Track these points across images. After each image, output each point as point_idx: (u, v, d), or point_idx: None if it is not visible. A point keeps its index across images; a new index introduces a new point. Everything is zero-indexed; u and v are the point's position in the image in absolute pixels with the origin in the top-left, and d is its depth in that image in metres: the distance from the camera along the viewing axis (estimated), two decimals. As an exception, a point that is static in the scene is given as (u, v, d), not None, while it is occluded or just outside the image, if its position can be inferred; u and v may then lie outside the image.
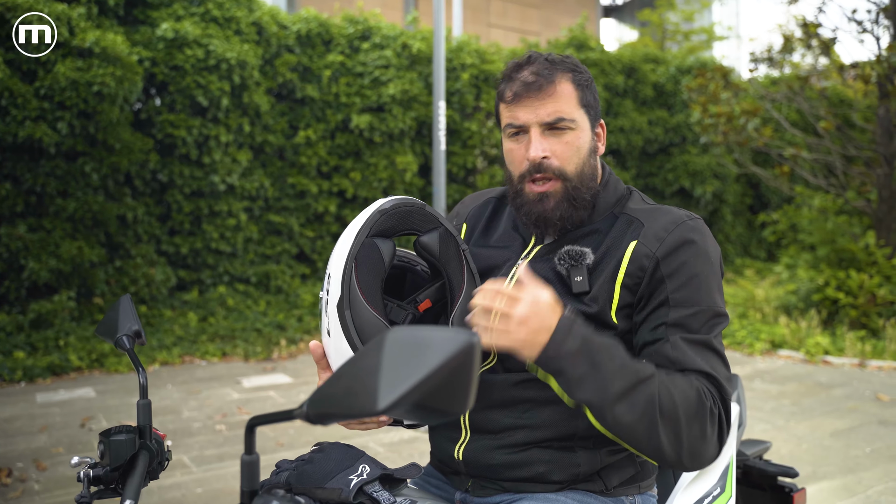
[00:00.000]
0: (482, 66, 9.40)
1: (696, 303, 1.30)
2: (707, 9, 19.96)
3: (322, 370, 1.38)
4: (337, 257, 1.31)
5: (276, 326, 7.37)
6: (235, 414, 5.08)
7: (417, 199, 1.37)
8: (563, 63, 1.40)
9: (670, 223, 1.36)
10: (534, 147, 1.37)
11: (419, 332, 0.74)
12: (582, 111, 1.40)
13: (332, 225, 8.46)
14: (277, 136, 8.00)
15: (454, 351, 0.71)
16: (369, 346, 0.76)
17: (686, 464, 1.22)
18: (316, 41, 8.29)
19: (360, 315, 1.26)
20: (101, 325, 1.48)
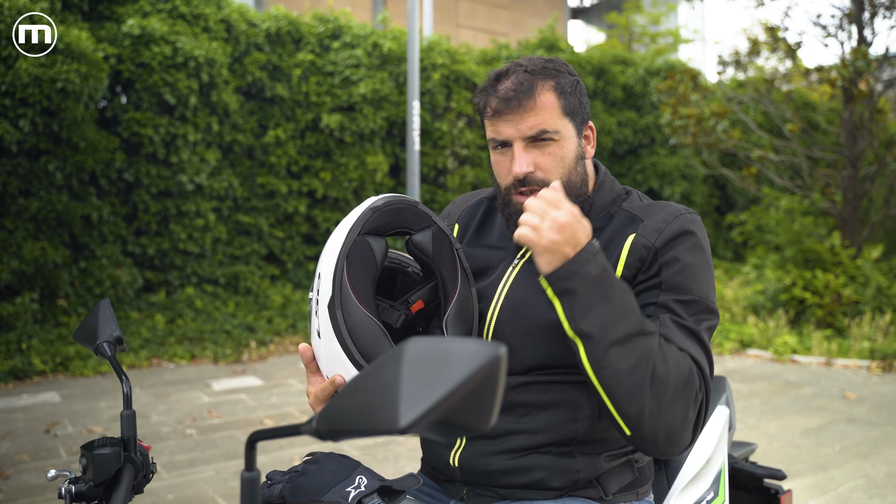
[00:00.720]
0: (453, 67, 9.38)
1: (688, 291, 1.29)
2: (673, 12, 20.17)
3: (312, 374, 1.34)
4: (328, 256, 1.26)
5: (246, 328, 7.27)
6: (205, 418, 4.98)
7: (410, 197, 1.33)
8: (545, 71, 1.36)
9: (669, 215, 1.35)
10: (517, 163, 1.34)
11: (441, 343, 0.71)
12: (566, 120, 1.36)
13: (302, 225, 8.38)
14: (246, 135, 7.89)
15: (480, 364, 0.68)
16: (387, 358, 0.72)
17: (660, 443, 1.19)
18: (286, 39, 8.19)
19: (352, 315, 1.22)
20: (80, 332, 1.42)
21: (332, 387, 1.25)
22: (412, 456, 4.36)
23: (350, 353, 1.21)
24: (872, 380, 6.20)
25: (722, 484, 1.65)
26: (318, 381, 1.32)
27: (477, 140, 9.76)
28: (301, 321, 7.62)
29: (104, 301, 1.44)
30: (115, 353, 1.35)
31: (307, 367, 1.34)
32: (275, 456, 4.29)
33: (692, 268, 1.30)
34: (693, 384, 1.20)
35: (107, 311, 1.41)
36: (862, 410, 5.33)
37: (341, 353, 1.22)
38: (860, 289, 7.28)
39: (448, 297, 1.32)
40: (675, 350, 1.22)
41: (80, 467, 1.22)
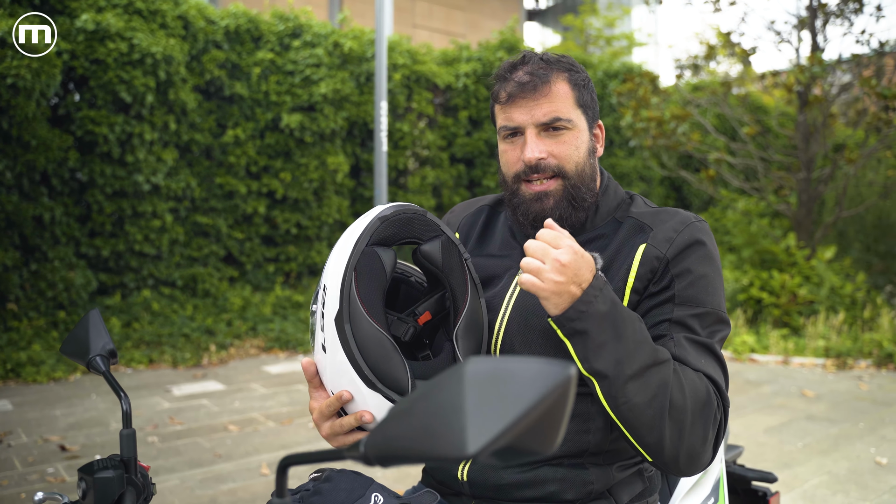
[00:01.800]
0: (413, 67, 9.33)
1: (702, 303, 1.27)
2: (627, 15, 20.43)
3: (315, 389, 1.29)
4: (334, 267, 1.21)
5: (205, 331, 7.12)
6: (167, 424, 4.86)
7: (418, 206, 1.30)
8: (559, 62, 1.36)
9: (679, 224, 1.33)
10: (529, 148, 1.33)
11: (504, 363, 0.67)
12: (579, 111, 1.36)
13: (262, 226, 8.24)
14: (205, 134, 7.73)
15: (552, 386, 0.64)
16: (444, 380, 0.68)
17: (682, 465, 1.18)
18: (245, 37, 8.05)
19: (362, 329, 1.17)
20: (69, 345, 1.34)
21: (338, 403, 1.21)
22: (407, 468, 4.30)
23: (359, 368, 1.16)
24: (828, 377, 6.35)
25: (721, 489, 1.65)
26: (322, 397, 1.28)
27: (438, 141, 9.73)
28: (261, 323, 7.50)
29: (93, 312, 1.36)
30: (109, 368, 1.28)
31: (310, 383, 1.29)
32: (240, 462, 4.20)
33: (705, 279, 1.29)
34: (711, 406, 1.19)
35: (97, 323, 1.34)
36: (821, 408, 5.45)
37: (349, 368, 1.17)
38: (815, 289, 7.46)
39: (458, 309, 1.28)
40: (690, 374, 1.20)
41: (79, 492, 1.15)
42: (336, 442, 1.26)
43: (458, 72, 9.97)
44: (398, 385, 1.17)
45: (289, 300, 8.13)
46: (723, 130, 11.26)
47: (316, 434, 4.73)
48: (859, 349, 6.87)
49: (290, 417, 5.07)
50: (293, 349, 7.15)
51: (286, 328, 7.42)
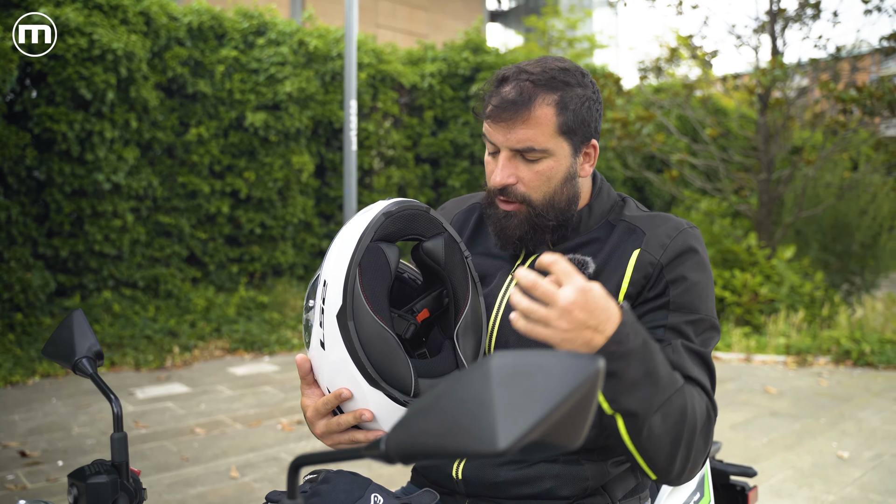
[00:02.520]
0: (379, 66, 9.30)
1: (695, 310, 1.27)
2: (589, 17, 20.62)
3: (308, 386, 1.27)
4: (336, 262, 1.19)
5: (168, 333, 7.00)
6: (132, 428, 4.75)
7: (421, 203, 1.28)
8: (552, 82, 1.29)
9: (672, 230, 1.33)
10: (498, 172, 1.32)
11: (531, 358, 0.66)
12: (561, 139, 1.30)
13: (225, 226, 8.13)
14: (167, 133, 7.60)
15: (581, 380, 0.63)
16: (469, 376, 0.67)
17: (684, 478, 1.19)
18: (208, 35, 7.93)
19: (365, 326, 1.15)
20: (52, 347, 1.29)
21: (335, 401, 1.19)
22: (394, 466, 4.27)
23: (362, 366, 1.14)
24: (789, 374, 6.48)
25: (706, 484, 1.67)
26: (316, 394, 1.25)
27: (403, 141, 9.71)
28: (225, 324, 7.39)
29: (77, 312, 1.32)
30: (96, 370, 1.24)
31: (303, 380, 1.27)
32: (210, 467, 4.13)
33: (698, 286, 1.29)
34: (711, 421, 1.19)
35: (82, 323, 1.29)
36: (783, 404, 5.56)
37: (351, 366, 1.15)
38: (775, 287, 7.61)
39: (459, 308, 1.27)
40: (692, 390, 1.19)
41: (70, 498, 1.11)
42: (330, 440, 1.24)
43: (423, 72, 9.96)
44: (402, 383, 1.15)
45: (253, 301, 8.03)
46: (684, 132, 11.43)
47: (284, 436, 4.68)
48: (818, 346, 7.02)
49: (257, 419, 5.01)
50: (258, 350, 7.06)
51: (251, 329, 7.33)
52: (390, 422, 1.18)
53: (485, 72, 10.12)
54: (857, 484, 4.02)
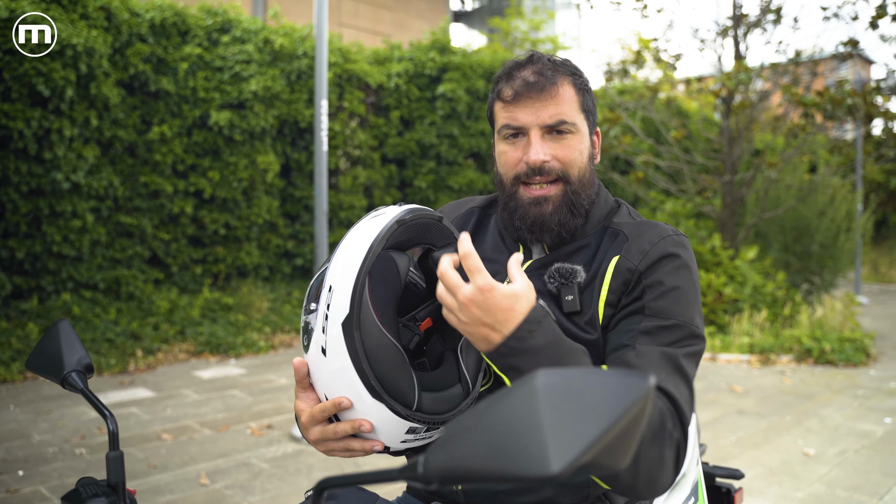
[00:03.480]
0: (345, 66, 9.23)
1: (671, 315, 1.22)
2: (552, 19, 20.74)
3: (303, 389, 1.22)
4: (343, 268, 1.14)
5: (131, 336, 6.84)
6: (96, 435, 4.63)
7: (433, 210, 1.24)
8: (564, 66, 1.35)
9: (655, 236, 1.30)
10: (534, 150, 1.29)
11: (578, 376, 0.64)
12: (582, 116, 1.34)
13: (188, 227, 7.98)
14: (128, 131, 7.43)
15: (633, 399, 0.61)
16: (513, 395, 0.64)
17: (641, 491, 1.11)
18: (171, 31, 7.78)
19: (373, 337, 1.11)
20: (37, 360, 1.22)
21: (334, 409, 1.15)
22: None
23: (366, 378, 1.11)
24: (754, 373, 6.58)
25: (700, 488, 1.67)
26: (311, 398, 1.21)
27: (369, 141, 9.65)
28: (190, 327, 7.26)
29: (63, 322, 1.25)
30: (87, 384, 1.18)
31: (299, 383, 1.22)
32: (178, 474, 4.04)
33: (676, 291, 1.24)
34: (665, 427, 1.10)
35: (69, 334, 1.22)
36: (749, 402, 5.64)
37: (354, 376, 1.11)
38: (739, 288, 7.72)
39: None
40: None
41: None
42: (324, 447, 1.21)
43: (389, 71, 9.91)
44: (404, 397, 1.13)
45: (218, 302, 7.90)
46: (647, 133, 11.55)
47: (254, 441, 4.60)
48: (781, 345, 7.15)
49: (226, 424, 4.92)
50: (224, 353, 6.95)
51: (216, 331, 7.21)
52: (389, 434, 1.16)
53: (451, 72, 10.11)
54: (824, 480, 4.09)
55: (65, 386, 1.18)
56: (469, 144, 10.42)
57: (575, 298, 1.27)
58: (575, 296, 1.27)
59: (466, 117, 10.42)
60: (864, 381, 6.39)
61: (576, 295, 1.27)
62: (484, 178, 10.76)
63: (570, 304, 1.27)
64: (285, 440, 4.63)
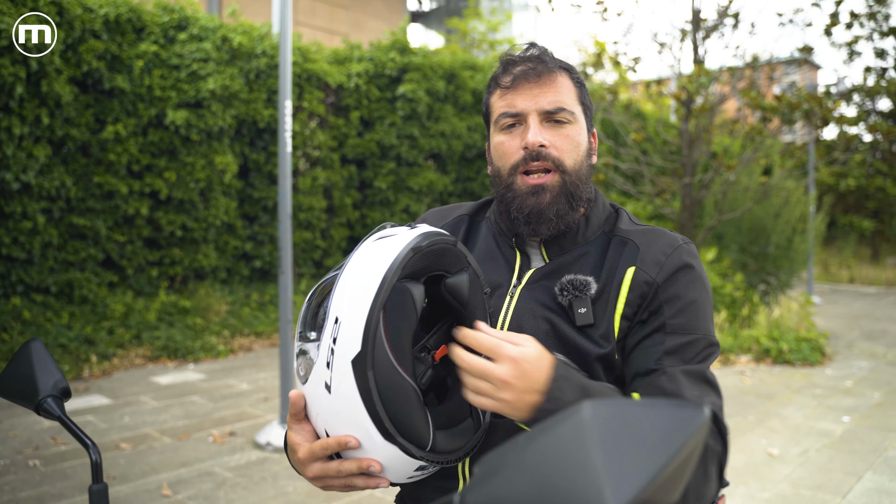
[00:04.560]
0: (305, 65, 9.11)
1: (692, 330, 1.22)
2: (510, 21, 20.83)
3: (297, 421, 1.16)
4: (354, 301, 1.06)
5: (84, 341, 6.64)
6: (50, 445, 4.47)
7: (448, 234, 1.16)
8: (559, 62, 1.33)
9: (668, 246, 1.28)
10: (532, 132, 1.26)
11: (630, 409, 0.60)
12: (580, 108, 1.32)
13: (144, 228, 7.78)
14: (81, 130, 7.20)
15: (690, 433, 0.57)
16: (559, 428, 0.60)
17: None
18: (126, 28, 7.57)
19: (388, 377, 1.04)
20: (6, 384, 1.11)
21: (338, 447, 1.08)
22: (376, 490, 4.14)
23: (379, 420, 1.04)
24: (714, 373, 6.66)
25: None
26: (307, 431, 1.14)
27: (329, 141, 9.54)
28: (146, 331, 7.07)
29: (35, 342, 1.14)
30: (64, 410, 1.10)
31: (294, 416, 1.15)
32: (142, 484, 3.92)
33: (694, 305, 1.24)
34: (708, 443, 1.11)
35: (42, 355, 1.13)
36: (711, 404, 5.70)
37: (364, 417, 1.04)
38: (698, 289, 7.81)
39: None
40: None
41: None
42: (322, 483, 1.14)
43: (349, 71, 9.81)
44: (419, 439, 1.07)
45: (175, 306, 7.72)
46: (606, 135, 11.65)
47: (216, 449, 4.49)
48: (740, 345, 7.26)
49: (186, 432, 4.79)
50: (182, 358, 6.79)
51: (174, 335, 7.04)
52: (398, 472, 1.10)
53: (412, 72, 10.05)
54: (789, 480, 4.15)
55: (40, 412, 1.10)
56: (429, 145, 10.38)
57: (588, 311, 1.23)
58: (588, 308, 1.23)
59: (427, 118, 10.37)
60: (821, 380, 6.52)
61: (589, 307, 1.23)
62: (444, 179, 10.73)
63: (583, 317, 1.23)
64: (249, 448, 4.53)
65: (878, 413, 5.48)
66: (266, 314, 8.37)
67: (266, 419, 5.07)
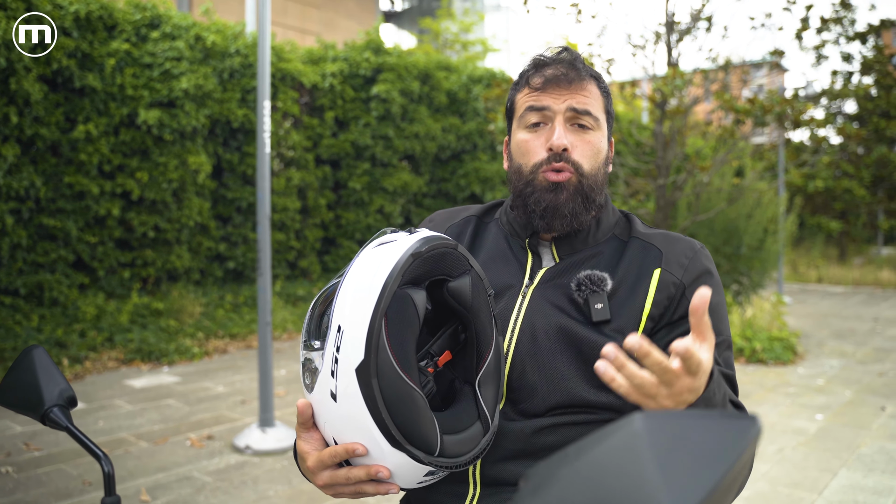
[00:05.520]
0: (279, 65, 9.04)
1: (719, 332, 1.25)
2: (482, 21, 20.87)
3: (306, 430, 1.15)
4: (355, 309, 1.05)
5: (55, 344, 6.52)
6: (23, 451, 4.38)
7: (448, 237, 1.16)
8: (588, 69, 1.35)
9: (688, 249, 1.31)
10: (557, 134, 1.28)
11: (683, 420, 0.59)
12: (605, 116, 1.34)
13: (116, 229, 7.65)
14: (51, 129, 7.07)
15: (746, 443, 0.57)
16: (611, 439, 0.59)
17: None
18: (97, 25, 7.44)
19: (392, 385, 1.03)
20: (9, 394, 1.07)
21: (346, 455, 1.08)
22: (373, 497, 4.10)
23: (386, 428, 1.03)
24: (689, 373, 6.73)
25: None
26: (316, 440, 1.14)
27: (303, 142, 9.48)
28: (119, 333, 6.96)
29: (37, 349, 1.10)
30: (72, 420, 1.06)
31: (302, 425, 1.15)
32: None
33: (719, 308, 1.27)
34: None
35: (45, 363, 1.09)
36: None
37: (371, 425, 1.04)
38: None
39: (483, 355, 1.16)
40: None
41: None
42: (332, 491, 1.14)
43: (324, 71, 9.76)
44: (427, 444, 1.06)
45: (147, 307, 7.61)
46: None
47: (195, 453, 4.43)
48: (713, 345, 7.33)
49: (163, 436, 4.72)
50: (156, 361, 6.69)
51: (147, 338, 6.94)
52: (407, 477, 1.09)
53: (386, 73, 10.03)
54: (767, 478, 4.20)
55: (46, 423, 1.06)
56: (404, 146, 10.36)
57: (605, 307, 1.24)
58: (605, 304, 1.24)
59: (401, 119, 10.35)
60: (794, 378, 6.62)
61: (605, 303, 1.25)
62: (418, 180, 10.71)
63: (600, 312, 1.24)
64: (227, 451, 4.48)
65: (850, 411, 5.58)
66: (240, 316, 8.28)
67: (244, 422, 5.02)
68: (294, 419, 4.99)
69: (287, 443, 4.51)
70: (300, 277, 9.96)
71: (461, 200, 11.13)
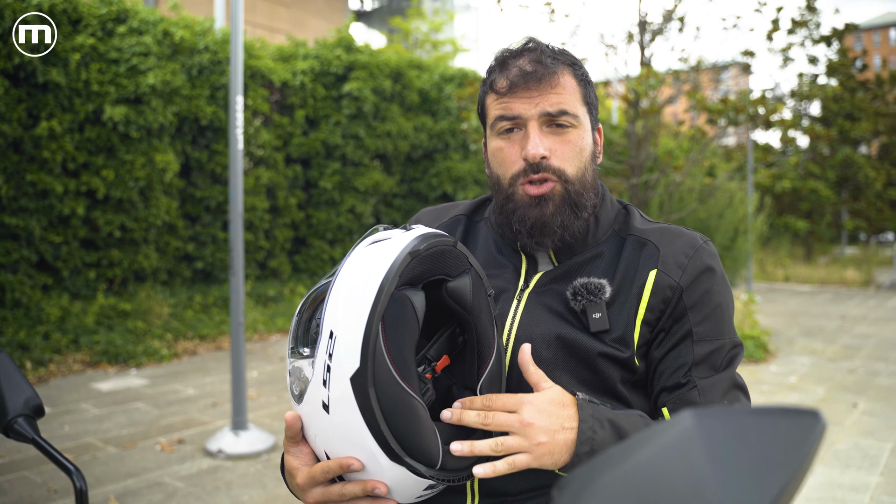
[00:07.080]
0: (249, 62, 8.90)
1: (719, 335, 1.17)
2: (452, 21, 20.84)
3: (294, 444, 1.07)
4: (348, 313, 0.97)
5: (18, 346, 6.33)
6: (-15, 458, 4.23)
7: (446, 234, 1.09)
8: (563, 55, 1.22)
9: (688, 247, 1.22)
10: (532, 143, 1.16)
11: (741, 419, 0.53)
12: (584, 109, 1.22)
13: (80, 229, 7.46)
14: (13, 126, 6.86)
15: (811, 442, 0.52)
16: (661, 438, 0.54)
17: None
18: (62, 19, 7.25)
19: (391, 394, 0.96)
20: None
21: (339, 470, 1.00)
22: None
23: (384, 441, 0.96)
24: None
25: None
26: (305, 454, 1.06)
27: (273, 140, 9.35)
28: (84, 335, 6.78)
29: (1, 354, 1.03)
30: (38, 431, 0.98)
31: (291, 438, 1.06)
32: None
33: (719, 309, 1.19)
34: None
35: (10, 370, 1.00)
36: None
37: (368, 437, 0.96)
38: (646, 288, 7.93)
39: (484, 358, 1.09)
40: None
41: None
42: None
43: (295, 69, 9.64)
44: (428, 457, 0.99)
45: (114, 309, 7.43)
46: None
47: (165, 458, 4.31)
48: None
49: (132, 440, 4.59)
50: (123, 363, 6.53)
51: (114, 340, 6.77)
52: (405, 492, 1.02)
53: (358, 71, 9.93)
54: (744, 477, 4.20)
55: (9, 435, 0.98)
56: (375, 146, 10.27)
57: (603, 316, 1.16)
58: (603, 313, 1.17)
59: (373, 118, 10.27)
60: (767, 376, 6.66)
61: (604, 312, 1.17)
62: (389, 180, 10.63)
63: (598, 322, 1.16)
64: (199, 455, 4.36)
65: (823, 408, 5.62)
66: (210, 316, 8.13)
67: (216, 425, 4.90)
68: (267, 422, 4.88)
69: (261, 446, 4.41)
70: (270, 277, 9.83)
71: (433, 200, 11.07)
